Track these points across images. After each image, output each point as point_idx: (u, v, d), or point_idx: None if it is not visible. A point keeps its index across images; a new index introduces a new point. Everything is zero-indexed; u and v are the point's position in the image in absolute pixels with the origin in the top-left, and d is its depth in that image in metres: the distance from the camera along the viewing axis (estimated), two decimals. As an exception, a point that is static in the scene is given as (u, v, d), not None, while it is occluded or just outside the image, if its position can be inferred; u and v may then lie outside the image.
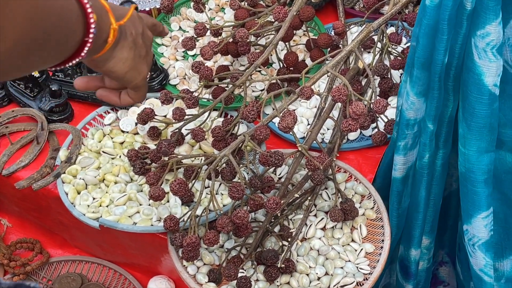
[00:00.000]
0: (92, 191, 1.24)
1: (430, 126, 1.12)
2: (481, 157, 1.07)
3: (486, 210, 1.11)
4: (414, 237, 1.27)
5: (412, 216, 1.26)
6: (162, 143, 1.17)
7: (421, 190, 1.22)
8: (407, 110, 1.13)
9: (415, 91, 1.10)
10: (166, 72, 1.42)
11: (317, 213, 1.22)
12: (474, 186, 1.10)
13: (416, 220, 1.25)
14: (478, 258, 1.16)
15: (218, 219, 1.07)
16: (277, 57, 1.36)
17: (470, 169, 1.09)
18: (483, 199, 1.10)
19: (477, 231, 1.14)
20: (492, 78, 1.00)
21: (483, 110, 1.03)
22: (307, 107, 1.37)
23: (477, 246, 1.15)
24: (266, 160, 1.09)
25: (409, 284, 1.35)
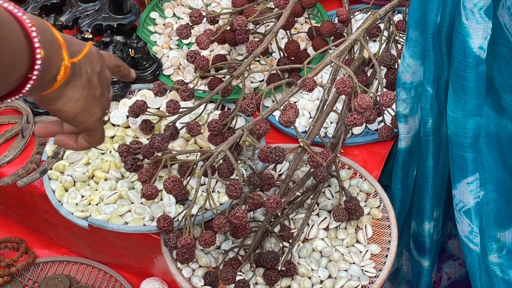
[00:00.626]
0: (80, 188, 1.23)
1: (429, 89, 1.14)
2: (466, 120, 1.09)
3: (471, 175, 1.14)
4: (425, 209, 1.29)
5: (421, 187, 1.27)
6: (155, 138, 1.16)
7: (428, 159, 1.23)
8: (403, 72, 1.15)
9: (410, 52, 1.11)
10: (159, 61, 1.41)
11: (320, 212, 1.22)
12: (460, 150, 1.12)
13: (426, 192, 1.27)
14: (463, 224, 1.18)
15: (214, 219, 1.06)
16: (278, 46, 1.35)
17: (456, 132, 1.11)
18: (469, 163, 1.13)
19: (463, 196, 1.16)
20: (478, 40, 1.01)
21: (468, 72, 1.04)
22: (309, 100, 1.36)
23: (463, 212, 1.18)
24: (266, 157, 1.08)
25: (425, 259, 1.37)
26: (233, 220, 1.05)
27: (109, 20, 1.43)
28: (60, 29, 1.41)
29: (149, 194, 1.09)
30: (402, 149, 1.23)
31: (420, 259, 1.37)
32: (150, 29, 1.49)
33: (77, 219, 1.19)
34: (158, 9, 1.51)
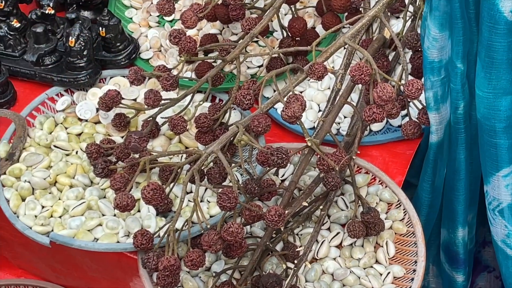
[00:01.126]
0: (40, 197, 1.23)
1: (459, 65, 1.15)
2: (498, 100, 1.10)
3: (507, 167, 1.14)
4: (458, 213, 1.30)
5: (452, 187, 1.28)
6: (131, 136, 1.16)
7: (459, 152, 1.24)
8: (429, 49, 1.15)
9: (437, 22, 1.11)
10: (136, 42, 1.41)
11: (331, 226, 1.22)
12: (492, 136, 1.13)
13: (458, 192, 1.28)
14: (499, 226, 1.19)
15: (203, 235, 1.06)
16: (280, 24, 1.35)
17: (487, 115, 1.11)
18: (504, 152, 1.13)
19: (497, 192, 1.17)
20: (509, 2, 1.01)
21: (498, 42, 1.04)
22: (318, 89, 1.36)
23: (497, 211, 1.19)
24: (266, 159, 1.08)
25: (459, 273, 1.38)
26: (226, 237, 1.05)
27: (75, -7, 1.43)
28: (14, 3, 1.40)
29: (123, 205, 1.09)
30: (434, 143, 1.24)
31: (453, 273, 1.38)
32: (125, 3, 1.49)
33: (37, 235, 1.19)
34: (135, -21, 1.51)
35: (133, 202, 1.10)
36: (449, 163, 1.26)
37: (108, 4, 1.46)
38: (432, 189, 1.28)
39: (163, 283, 1.09)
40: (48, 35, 1.37)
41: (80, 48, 1.33)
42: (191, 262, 1.07)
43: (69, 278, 1.36)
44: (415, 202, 1.28)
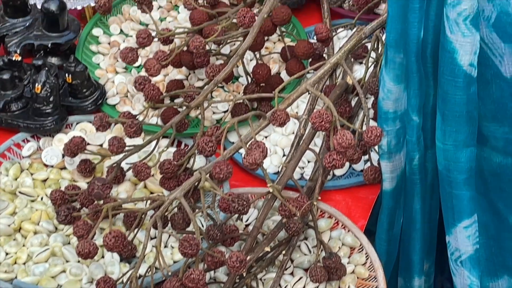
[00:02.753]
0: (4, 244, 1.21)
1: (415, 118, 1.15)
2: (459, 153, 1.10)
3: (468, 218, 1.15)
4: (414, 262, 1.30)
5: (409, 236, 1.29)
6: (95, 183, 1.16)
7: (415, 202, 1.25)
8: (383, 100, 1.16)
9: (391, 75, 1.13)
10: (103, 88, 1.41)
11: (294, 271, 1.21)
12: (453, 188, 1.13)
13: (414, 241, 1.28)
14: (462, 276, 1.20)
15: (165, 282, 1.06)
16: (244, 70, 1.36)
17: (448, 167, 1.12)
18: (465, 204, 1.14)
19: (460, 243, 1.17)
20: (468, 56, 1.02)
21: (458, 95, 1.05)
22: (282, 134, 1.36)
23: (460, 262, 1.19)
24: (228, 206, 1.08)
25: None
26: (187, 283, 1.04)
27: (42, 39, 1.43)
28: (-18, 51, 1.41)
29: (86, 253, 1.08)
30: (387, 191, 1.25)
31: None
32: (92, 49, 1.49)
33: (0, 282, 1.17)
34: (102, 25, 1.52)
35: (95, 249, 1.09)
36: (404, 213, 1.27)
37: (75, 51, 1.46)
38: (388, 237, 1.29)
39: (125, 330, 1.09)
40: (14, 82, 1.37)
41: (46, 94, 1.32)
42: (154, 309, 1.07)
43: (35, 324, 1.35)
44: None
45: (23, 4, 1.45)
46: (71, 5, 1.47)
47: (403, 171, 1.23)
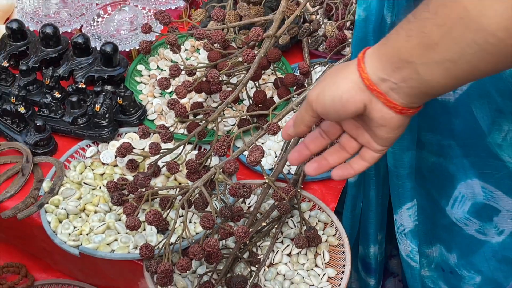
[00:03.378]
0: (73, 220, 1.21)
1: None
2: (403, 154, 1.09)
3: (410, 202, 1.15)
4: (370, 235, 1.30)
5: (366, 216, 1.28)
6: (138, 175, 1.15)
7: (371, 191, 1.24)
8: None
9: None
10: (144, 108, 1.40)
11: (284, 240, 1.20)
12: (399, 180, 1.12)
13: (370, 219, 1.28)
14: (405, 245, 1.19)
15: (190, 247, 1.05)
16: (247, 95, 1.35)
17: (395, 165, 1.11)
18: (407, 191, 1.13)
19: (404, 220, 1.17)
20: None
21: None
22: (275, 141, 1.35)
23: (404, 234, 1.19)
24: (235, 192, 1.08)
25: (371, 278, 1.37)
26: (206, 248, 1.03)
27: (101, 72, 1.42)
28: (57, 80, 1.40)
29: (132, 226, 1.08)
30: (351, 183, 1.24)
31: (367, 278, 1.37)
32: (137, 80, 1.48)
33: (70, 248, 1.17)
34: (144, 62, 1.51)
35: (139, 223, 1.08)
36: (364, 199, 1.26)
37: (124, 81, 1.45)
38: (352, 215, 1.28)
39: (161, 282, 1.07)
40: (80, 103, 1.36)
41: (104, 112, 1.32)
42: (181, 267, 1.05)
43: (94, 279, 1.34)
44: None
45: (87, 47, 1.45)
46: (121, 47, 1.47)
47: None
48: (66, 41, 1.48)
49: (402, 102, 0.76)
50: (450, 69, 0.71)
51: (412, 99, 0.76)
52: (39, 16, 1.53)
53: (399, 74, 0.74)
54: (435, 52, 0.70)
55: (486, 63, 0.69)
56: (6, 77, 1.44)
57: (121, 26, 1.49)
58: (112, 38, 1.46)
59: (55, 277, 1.39)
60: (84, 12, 1.53)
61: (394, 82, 0.75)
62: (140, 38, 1.47)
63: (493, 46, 0.67)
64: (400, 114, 0.78)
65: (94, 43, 1.47)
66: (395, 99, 0.76)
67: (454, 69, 0.71)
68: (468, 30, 0.67)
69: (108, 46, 1.41)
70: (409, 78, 0.74)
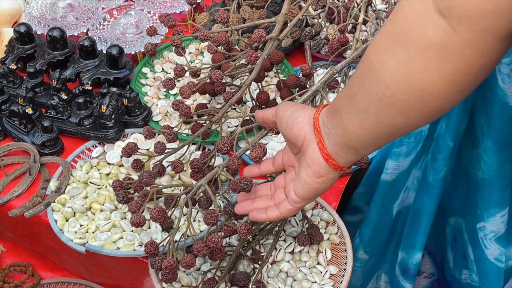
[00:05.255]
0: (79, 218, 1.22)
1: (450, 143, 1.15)
2: (504, 166, 1.11)
3: (504, 209, 1.16)
4: (418, 242, 1.28)
5: (415, 222, 1.26)
6: (144, 174, 1.16)
7: (425, 200, 1.23)
8: None
9: None
10: (149, 109, 1.41)
11: (286, 238, 1.21)
12: (498, 190, 1.14)
13: (420, 227, 1.26)
14: (493, 249, 1.19)
15: (194, 244, 1.06)
16: (250, 96, 1.36)
17: (494, 176, 1.12)
18: (506, 199, 1.15)
19: (496, 227, 1.17)
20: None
21: (508, 127, 1.06)
22: (277, 142, 1.36)
23: (494, 240, 1.18)
24: (237, 186, 1.08)
25: (409, 284, 1.35)
26: (210, 245, 1.04)
27: (107, 74, 1.44)
28: (64, 82, 1.41)
29: (137, 222, 1.09)
30: (385, 181, 1.24)
31: (405, 283, 1.34)
32: (142, 82, 1.49)
33: (76, 245, 1.18)
34: (149, 65, 1.52)
35: (144, 220, 1.09)
36: (413, 206, 1.25)
37: (130, 83, 1.46)
38: (379, 212, 1.27)
39: (165, 278, 1.08)
40: (87, 104, 1.37)
41: (109, 113, 1.33)
42: (185, 263, 1.06)
43: (100, 277, 1.34)
44: (366, 219, 1.28)
45: (93, 50, 1.46)
46: (127, 50, 1.48)
47: (405, 171, 1.23)
48: (73, 44, 1.50)
49: (330, 150, 0.86)
50: (362, 119, 0.78)
51: (337, 148, 0.85)
52: (47, 20, 1.54)
53: (332, 121, 0.84)
54: (354, 102, 0.79)
55: (386, 116, 0.75)
56: (14, 79, 1.45)
57: (127, 30, 1.50)
58: (118, 41, 1.48)
59: (61, 276, 1.40)
60: (91, 16, 1.55)
61: (328, 127, 0.85)
62: (145, 41, 1.48)
63: (388, 98, 0.73)
64: (325, 160, 0.87)
65: (100, 46, 1.48)
66: (326, 144, 0.86)
67: (365, 119, 0.78)
68: (372, 82, 0.74)
69: (114, 49, 1.42)
70: (337, 126, 0.83)
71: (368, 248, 1.36)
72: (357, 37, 1.39)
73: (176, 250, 1.09)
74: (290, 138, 0.93)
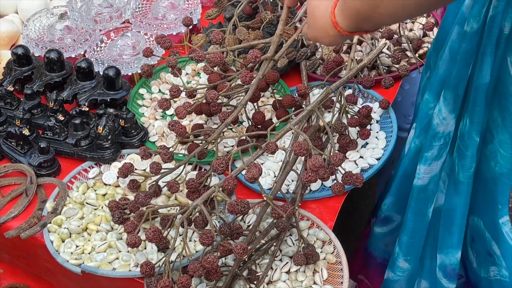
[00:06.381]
0: (75, 239, 1.21)
1: (476, 139, 1.14)
2: None
3: None
4: (455, 241, 1.25)
5: (452, 222, 1.24)
6: (139, 194, 1.16)
7: (463, 200, 1.21)
8: (438, 125, 1.17)
9: (449, 108, 1.14)
10: (146, 130, 1.41)
11: (282, 258, 1.20)
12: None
13: (455, 226, 1.24)
14: None
15: (190, 264, 1.05)
16: (246, 116, 1.36)
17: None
18: None
19: None
20: None
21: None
22: (273, 161, 1.36)
23: None
24: (234, 208, 1.08)
25: (453, 284, 1.32)
26: (205, 265, 1.03)
27: (103, 96, 1.44)
28: (61, 103, 1.41)
29: (133, 243, 1.08)
30: (418, 186, 1.24)
31: (449, 285, 1.32)
32: (139, 103, 1.49)
33: (72, 266, 1.17)
34: (146, 86, 1.52)
35: (140, 241, 1.09)
36: (444, 207, 1.24)
37: (127, 104, 1.47)
38: (415, 218, 1.27)
39: (161, 299, 1.07)
40: (84, 125, 1.37)
41: (106, 134, 1.33)
42: (181, 284, 1.05)
43: (96, 298, 1.34)
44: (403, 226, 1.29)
45: (90, 71, 1.46)
46: (124, 71, 1.48)
47: (437, 174, 1.22)
48: (70, 66, 1.50)
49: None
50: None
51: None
52: (44, 42, 1.55)
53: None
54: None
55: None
56: (11, 101, 1.45)
57: (124, 51, 1.51)
58: (114, 62, 1.48)
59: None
60: (88, 38, 1.55)
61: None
62: (142, 63, 1.48)
63: None
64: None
65: (97, 68, 1.49)
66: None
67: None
68: None
69: (111, 70, 1.43)
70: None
71: (408, 256, 1.35)
72: (352, 57, 1.39)
73: (172, 270, 1.09)
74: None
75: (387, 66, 1.52)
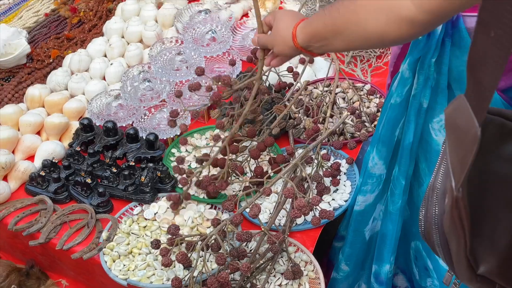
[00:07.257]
0: (123, 260, 1.21)
1: (402, 182, 1.16)
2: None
3: None
4: (385, 257, 1.26)
5: (383, 243, 1.25)
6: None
7: (394, 226, 1.22)
8: (371, 167, 1.19)
9: (380, 156, 1.17)
10: (176, 179, 1.41)
11: (276, 274, 1.20)
12: None
13: (387, 245, 1.25)
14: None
15: (208, 279, 1.05)
16: (249, 169, 1.37)
17: None
18: None
19: None
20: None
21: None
22: (269, 202, 1.36)
23: None
24: (240, 237, 1.08)
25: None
26: (220, 279, 1.04)
27: (146, 154, 1.45)
28: (114, 159, 1.42)
29: (166, 264, 1.08)
30: (357, 211, 1.24)
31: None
32: (171, 159, 1.50)
33: (120, 280, 1.17)
34: (176, 147, 1.54)
35: (171, 262, 1.09)
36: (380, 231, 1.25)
37: (163, 160, 1.47)
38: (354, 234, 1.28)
39: (186, 305, 1.07)
40: (131, 176, 1.38)
41: (147, 182, 1.34)
42: (201, 293, 1.05)
43: (137, 305, 1.32)
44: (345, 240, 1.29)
45: (136, 136, 1.48)
46: (161, 136, 1.50)
47: (371, 203, 1.24)
48: (122, 132, 1.52)
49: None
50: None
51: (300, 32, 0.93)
52: (103, 115, 1.58)
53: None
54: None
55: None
56: (78, 158, 1.47)
57: (161, 122, 1.53)
58: (154, 130, 1.50)
59: (109, 304, 1.37)
60: (135, 112, 1.58)
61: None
62: (173, 130, 1.51)
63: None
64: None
65: (142, 134, 1.51)
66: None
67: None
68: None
69: (151, 136, 1.44)
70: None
71: (348, 261, 1.34)
72: (325, 126, 1.41)
73: (194, 283, 1.08)
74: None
75: (351, 133, 1.54)
